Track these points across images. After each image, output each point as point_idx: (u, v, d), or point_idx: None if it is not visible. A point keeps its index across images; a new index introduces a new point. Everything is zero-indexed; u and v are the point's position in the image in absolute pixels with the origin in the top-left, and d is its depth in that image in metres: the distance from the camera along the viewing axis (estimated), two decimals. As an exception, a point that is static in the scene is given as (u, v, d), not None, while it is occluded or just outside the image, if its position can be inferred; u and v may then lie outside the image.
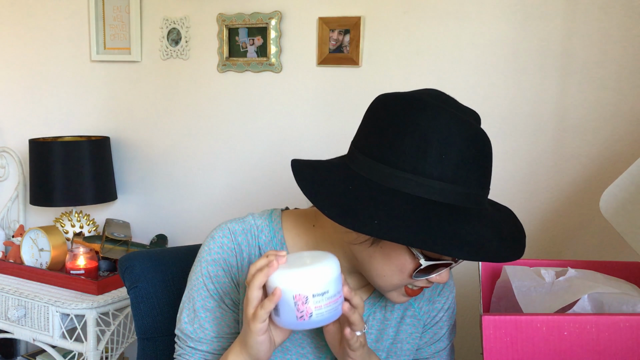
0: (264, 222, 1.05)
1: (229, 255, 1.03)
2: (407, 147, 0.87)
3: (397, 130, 0.89)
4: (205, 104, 2.30)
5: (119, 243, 2.26)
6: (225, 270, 1.03)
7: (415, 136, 0.87)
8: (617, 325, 0.89)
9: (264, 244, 1.03)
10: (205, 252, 1.05)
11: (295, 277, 0.84)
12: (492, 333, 0.91)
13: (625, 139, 1.67)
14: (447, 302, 1.14)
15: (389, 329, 1.09)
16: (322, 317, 0.85)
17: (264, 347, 0.90)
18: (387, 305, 1.09)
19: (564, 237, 1.77)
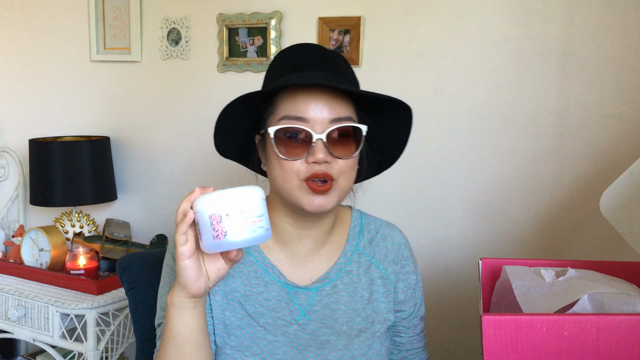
0: None
1: None
2: None
3: None
4: (205, 104, 2.30)
5: (119, 243, 2.26)
6: None
7: None
8: (617, 325, 0.89)
9: None
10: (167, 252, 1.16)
11: (211, 198, 0.89)
12: (492, 333, 0.91)
13: (625, 139, 1.67)
14: (416, 268, 1.22)
15: (362, 291, 1.16)
16: (237, 238, 0.88)
17: (189, 272, 0.93)
18: (352, 269, 1.17)
19: (564, 237, 1.77)
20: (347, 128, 1.04)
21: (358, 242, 1.19)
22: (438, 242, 1.94)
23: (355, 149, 1.06)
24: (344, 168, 1.05)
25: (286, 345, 1.10)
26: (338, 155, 1.03)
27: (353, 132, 1.05)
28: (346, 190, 1.08)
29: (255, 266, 1.13)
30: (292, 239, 1.14)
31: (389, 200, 1.99)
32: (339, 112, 1.04)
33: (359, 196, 1.23)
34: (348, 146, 1.05)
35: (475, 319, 1.82)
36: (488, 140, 1.84)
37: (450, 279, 1.94)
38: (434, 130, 1.91)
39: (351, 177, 1.08)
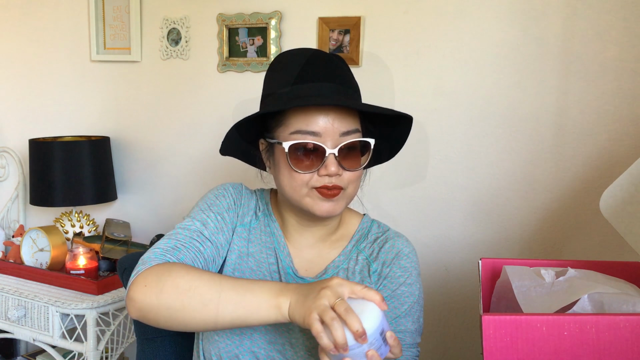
0: (259, 192, 1.27)
1: (238, 193, 1.22)
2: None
3: None
4: (205, 104, 2.30)
5: (119, 243, 2.26)
6: (233, 198, 1.20)
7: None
8: (617, 325, 0.89)
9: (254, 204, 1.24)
10: (222, 184, 1.23)
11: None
12: (492, 333, 0.91)
13: (625, 139, 1.67)
14: (409, 278, 1.18)
15: None
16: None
17: None
18: (350, 266, 1.19)
19: (564, 237, 1.77)
20: (356, 142, 1.09)
21: (361, 242, 1.22)
22: (438, 242, 1.94)
23: (363, 160, 1.12)
24: (353, 178, 1.11)
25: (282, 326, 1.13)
26: (348, 168, 1.09)
27: (361, 145, 1.11)
28: (353, 196, 1.14)
29: (273, 239, 1.20)
30: (296, 232, 1.20)
31: (389, 200, 1.99)
32: (348, 125, 1.08)
33: (361, 197, 1.26)
34: (356, 158, 1.11)
35: (475, 319, 1.82)
36: (488, 140, 1.84)
37: (450, 279, 1.94)
38: (434, 130, 1.91)
39: (358, 185, 1.14)
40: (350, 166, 1.09)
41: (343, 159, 1.08)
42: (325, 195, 1.08)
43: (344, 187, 1.09)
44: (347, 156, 1.08)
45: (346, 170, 1.09)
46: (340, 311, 0.87)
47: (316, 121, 1.06)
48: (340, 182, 1.08)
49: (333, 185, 1.07)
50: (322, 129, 1.06)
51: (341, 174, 1.08)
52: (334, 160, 1.06)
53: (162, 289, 0.97)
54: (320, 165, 1.07)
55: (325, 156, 1.06)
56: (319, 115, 1.06)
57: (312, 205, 1.09)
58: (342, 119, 1.07)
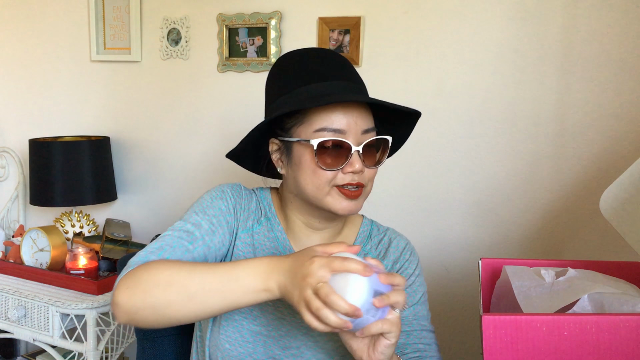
0: (259, 192, 1.25)
1: (237, 195, 1.20)
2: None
3: None
4: (205, 104, 2.30)
5: (119, 243, 2.26)
6: (232, 202, 1.18)
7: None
8: (617, 325, 0.89)
9: (254, 204, 1.22)
10: (219, 185, 1.21)
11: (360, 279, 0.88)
12: (492, 333, 0.91)
13: (625, 139, 1.67)
14: (417, 269, 1.22)
15: None
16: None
17: None
18: None
19: (564, 237, 1.77)
20: (377, 140, 1.12)
21: (365, 244, 1.23)
22: (438, 242, 1.94)
23: (382, 157, 1.13)
24: (372, 175, 1.13)
25: (290, 325, 1.13)
26: (369, 165, 1.11)
27: (381, 142, 1.13)
28: (369, 193, 1.15)
29: (277, 243, 1.19)
30: (302, 234, 1.20)
31: (389, 200, 1.99)
32: (367, 123, 1.11)
33: None
34: (375, 155, 1.13)
35: (475, 319, 1.82)
36: (488, 140, 1.84)
37: (450, 279, 1.94)
38: (434, 130, 1.91)
39: (373, 182, 1.15)
40: (370, 163, 1.11)
41: (365, 156, 1.09)
42: (349, 195, 1.09)
43: (365, 184, 1.11)
44: (368, 153, 1.10)
45: (367, 167, 1.10)
46: (323, 297, 0.86)
47: (340, 119, 1.07)
48: (362, 180, 1.10)
49: (357, 182, 1.09)
50: (346, 127, 1.08)
51: (364, 171, 1.10)
52: (358, 158, 1.08)
53: (144, 288, 0.96)
54: (345, 163, 1.08)
55: (350, 153, 1.07)
56: (342, 113, 1.08)
57: (334, 204, 1.09)
58: (362, 117, 1.09)
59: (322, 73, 1.11)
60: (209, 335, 1.15)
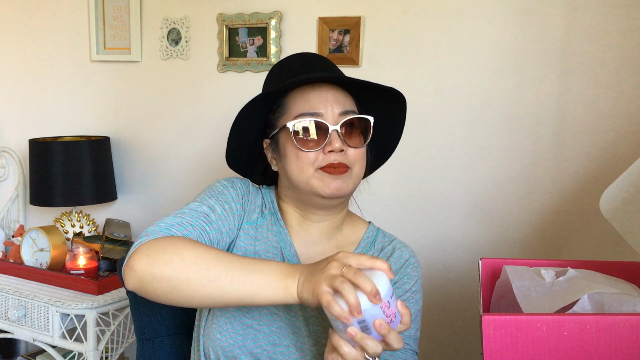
0: (263, 189, 1.27)
1: (246, 188, 1.23)
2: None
3: None
4: (205, 104, 2.30)
5: (119, 243, 2.26)
6: (241, 193, 1.20)
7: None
8: (617, 325, 0.89)
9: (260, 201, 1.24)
10: (229, 177, 1.23)
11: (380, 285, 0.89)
12: (492, 333, 0.91)
13: (625, 139, 1.67)
14: (415, 285, 1.20)
15: None
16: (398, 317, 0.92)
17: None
18: None
19: (564, 237, 1.77)
20: (357, 119, 1.15)
21: (367, 249, 1.23)
22: (438, 242, 1.94)
23: (366, 138, 1.16)
24: (357, 156, 1.14)
25: (282, 322, 1.13)
26: (352, 145, 1.13)
27: (362, 123, 1.16)
28: (360, 177, 1.17)
29: (279, 237, 1.20)
30: (300, 227, 1.21)
31: (389, 200, 1.99)
32: (345, 105, 1.15)
33: (361, 197, 1.27)
34: (358, 136, 1.15)
35: (475, 319, 1.82)
36: (488, 140, 1.84)
37: (450, 279, 1.94)
38: (434, 130, 1.91)
39: (363, 165, 1.17)
40: (353, 143, 1.13)
41: (346, 137, 1.12)
42: (332, 172, 1.11)
43: (350, 165, 1.13)
44: (350, 134, 1.13)
45: (350, 147, 1.13)
46: (350, 276, 0.87)
47: (317, 103, 1.12)
48: (345, 161, 1.12)
49: (339, 163, 1.11)
50: (323, 109, 1.12)
51: (345, 150, 1.12)
52: (337, 137, 1.11)
53: (166, 260, 0.94)
54: (325, 142, 1.11)
55: (328, 133, 1.11)
56: (318, 99, 1.13)
57: (321, 186, 1.11)
58: (340, 100, 1.14)
59: (305, 69, 1.17)
60: (204, 324, 1.16)
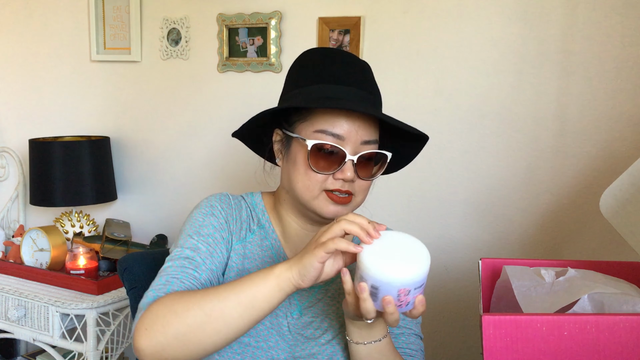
0: (249, 198, 1.22)
1: (227, 206, 1.17)
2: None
3: None
4: (205, 104, 2.30)
5: (119, 243, 2.26)
6: (223, 215, 1.15)
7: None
8: (617, 325, 0.89)
9: (245, 213, 1.19)
10: (206, 199, 1.18)
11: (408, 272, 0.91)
12: (492, 333, 0.91)
13: (625, 139, 1.67)
14: None
15: None
16: (410, 307, 0.93)
17: (315, 273, 0.93)
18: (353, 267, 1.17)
19: (564, 237, 1.77)
20: (375, 154, 1.11)
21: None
22: (438, 242, 1.94)
23: (377, 171, 1.13)
24: (364, 187, 1.11)
25: (277, 336, 1.12)
26: (362, 176, 1.09)
27: (378, 157, 1.12)
28: (359, 205, 1.14)
29: (271, 252, 1.17)
30: (298, 236, 1.17)
31: (389, 200, 1.99)
32: (370, 134, 1.09)
33: None
34: (371, 168, 1.12)
35: (475, 319, 1.82)
36: (488, 140, 1.84)
37: (450, 279, 1.94)
38: (434, 130, 1.91)
39: (366, 195, 1.14)
40: (363, 175, 1.10)
41: (359, 167, 1.08)
42: (336, 201, 1.08)
43: (354, 193, 1.10)
44: (363, 165, 1.10)
45: (359, 178, 1.09)
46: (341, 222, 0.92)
47: (342, 124, 1.07)
48: (351, 189, 1.09)
49: (346, 190, 1.08)
50: (346, 134, 1.07)
51: (355, 180, 1.09)
52: (351, 167, 1.07)
53: (162, 322, 0.94)
54: (337, 169, 1.07)
55: (344, 161, 1.07)
56: (346, 120, 1.07)
57: (321, 207, 1.09)
58: (366, 127, 1.08)
59: (339, 76, 1.10)
60: None
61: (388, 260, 0.90)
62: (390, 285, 0.89)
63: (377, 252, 0.91)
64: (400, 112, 1.90)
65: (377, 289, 0.90)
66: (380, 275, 0.89)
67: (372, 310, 0.91)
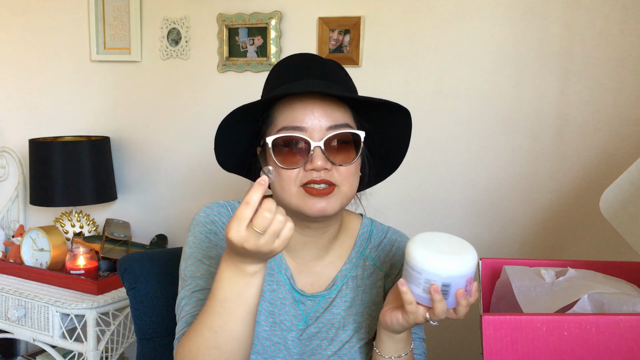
0: None
1: (227, 220, 1.13)
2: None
3: None
4: (205, 104, 2.30)
5: (119, 243, 2.26)
6: (217, 234, 1.12)
7: None
8: (617, 325, 0.89)
9: None
10: (205, 215, 1.14)
11: (469, 260, 0.92)
12: (492, 333, 0.91)
13: (625, 139, 1.67)
14: (404, 246, 1.18)
15: (363, 295, 1.16)
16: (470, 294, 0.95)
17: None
18: (357, 274, 1.17)
19: (564, 237, 1.77)
20: (346, 134, 1.05)
21: (365, 247, 1.19)
22: (438, 242, 1.94)
23: (355, 155, 1.06)
24: (345, 174, 1.05)
25: (284, 351, 1.10)
26: (338, 163, 1.04)
27: (352, 139, 1.06)
28: (349, 196, 1.08)
29: (272, 264, 1.14)
30: (297, 244, 1.14)
31: (389, 200, 1.99)
32: (336, 119, 1.04)
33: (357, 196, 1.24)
34: (347, 153, 1.05)
35: (475, 319, 1.82)
36: (488, 140, 1.84)
37: (450, 279, 1.93)
38: (434, 130, 1.91)
39: (354, 183, 1.08)
40: (340, 161, 1.04)
41: (332, 154, 1.03)
42: (313, 194, 1.02)
43: (337, 183, 1.04)
44: (337, 150, 1.04)
45: (336, 165, 1.03)
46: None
47: (302, 116, 1.03)
48: (331, 178, 1.03)
49: (321, 180, 1.02)
50: (308, 124, 1.03)
51: (330, 168, 1.03)
52: (320, 154, 1.01)
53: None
54: (307, 160, 1.02)
55: (311, 150, 1.02)
56: (304, 111, 1.03)
57: (303, 205, 1.03)
58: (329, 113, 1.04)
59: (295, 74, 1.08)
60: None
61: (449, 255, 0.91)
62: (462, 278, 0.91)
63: (433, 253, 0.92)
64: (400, 112, 1.90)
65: (448, 286, 0.92)
66: (451, 272, 0.90)
67: (445, 312, 0.93)
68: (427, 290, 0.92)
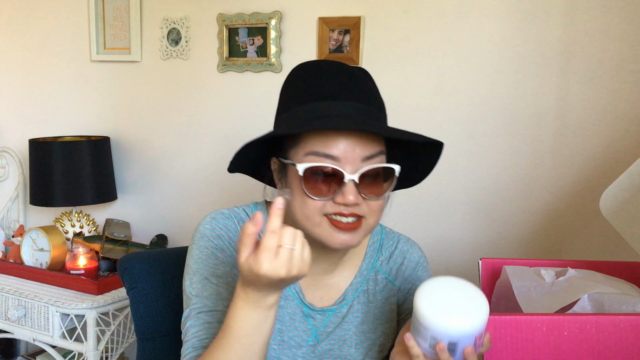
0: (250, 209, 1.13)
1: (233, 234, 1.08)
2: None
3: None
4: (205, 104, 2.30)
5: (119, 243, 2.26)
6: (234, 246, 1.07)
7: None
8: (617, 325, 0.89)
9: None
10: (210, 227, 1.08)
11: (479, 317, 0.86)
12: (492, 333, 0.91)
13: (625, 139, 1.67)
14: (416, 258, 1.17)
15: (375, 310, 1.14)
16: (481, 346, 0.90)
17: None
18: (369, 288, 1.14)
19: (564, 237, 1.77)
20: (379, 169, 0.99)
21: (376, 259, 1.16)
22: (438, 242, 1.94)
23: (387, 188, 1.01)
24: (374, 208, 1.00)
25: None
26: (369, 197, 0.98)
27: (385, 171, 1.00)
28: (373, 227, 1.03)
29: None
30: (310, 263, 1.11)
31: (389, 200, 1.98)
32: (371, 149, 0.97)
33: None
34: (379, 186, 1.00)
35: (475, 319, 1.82)
36: (488, 140, 1.84)
37: (450, 279, 1.93)
38: (434, 130, 1.91)
39: (380, 215, 1.03)
40: (371, 194, 0.98)
41: (363, 186, 0.97)
42: (341, 228, 0.97)
43: (364, 215, 0.98)
44: (369, 183, 0.98)
45: (366, 199, 0.97)
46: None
47: (335, 144, 0.95)
48: (359, 211, 0.97)
49: (350, 213, 0.96)
50: (342, 153, 0.95)
51: (360, 203, 0.97)
52: (353, 188, 0.95)
53: None
54: (337, 193, 0.95)
55: (343, 182, 0.95)
56: (339, 138, 0.95)
57: (326, 236, 0.98)
58: (364, 142, 0.96)
59: (329, 91, 0.99)
60: None
61: (457, 313, 0.85)
62: (469, 337, 0.86)
63: (440, 309, 0.86)
64: (400, 112, 1.90)
65: (455, 344, 0.86)
66: (458, 331, 0.85)
67: None
68: (433, 346, 0.87)
